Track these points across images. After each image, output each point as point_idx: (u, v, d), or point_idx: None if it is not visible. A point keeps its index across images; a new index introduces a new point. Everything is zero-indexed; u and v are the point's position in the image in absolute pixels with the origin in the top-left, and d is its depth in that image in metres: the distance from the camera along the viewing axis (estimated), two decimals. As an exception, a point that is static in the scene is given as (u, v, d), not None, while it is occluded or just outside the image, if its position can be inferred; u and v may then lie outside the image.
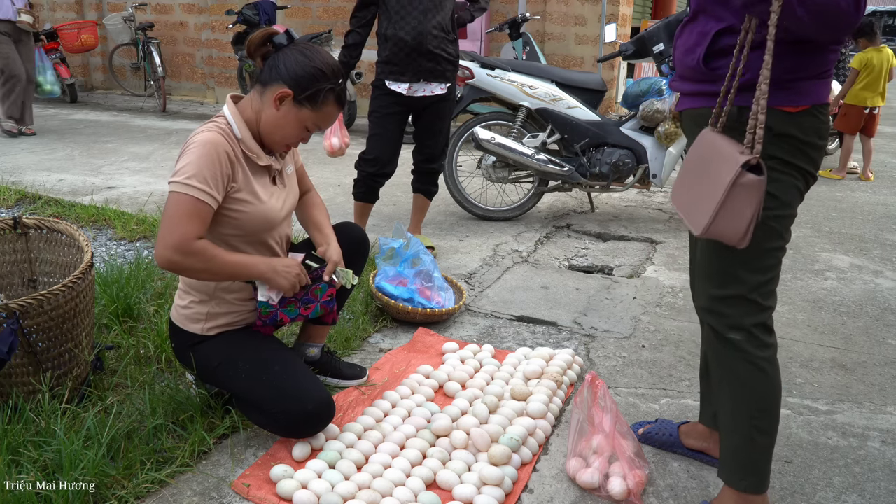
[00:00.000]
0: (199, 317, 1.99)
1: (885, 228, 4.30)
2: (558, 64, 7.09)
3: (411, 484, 1.80)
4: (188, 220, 1.75)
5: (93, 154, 6.00)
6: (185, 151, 1.82)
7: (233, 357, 1.95)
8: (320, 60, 1.87)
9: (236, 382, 1.94)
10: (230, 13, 7.76)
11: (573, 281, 3.35)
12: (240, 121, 1.90)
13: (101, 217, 4.02)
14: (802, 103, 1.45)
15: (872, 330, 2.85)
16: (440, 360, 2.54)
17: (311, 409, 1.89)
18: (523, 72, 4.22)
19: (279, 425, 1.94)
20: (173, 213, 1.76)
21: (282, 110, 1.86)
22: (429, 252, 3.02)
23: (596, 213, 4.54)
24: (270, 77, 1.87)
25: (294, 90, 1.84)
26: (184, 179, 1.76)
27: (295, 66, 1.85)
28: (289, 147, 1.96)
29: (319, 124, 1.91)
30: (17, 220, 2.36)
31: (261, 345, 1.99)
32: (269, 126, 1.89)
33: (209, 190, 1.78)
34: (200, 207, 1.77)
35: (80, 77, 9.95)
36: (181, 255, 1.75)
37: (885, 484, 1.89)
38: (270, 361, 1.94)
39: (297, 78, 1.84)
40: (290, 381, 1.91)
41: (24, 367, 1.97)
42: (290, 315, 2.01)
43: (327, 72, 1.86)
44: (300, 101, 1.86)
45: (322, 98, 1.87)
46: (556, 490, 1.85)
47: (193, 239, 1.76)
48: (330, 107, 1.89)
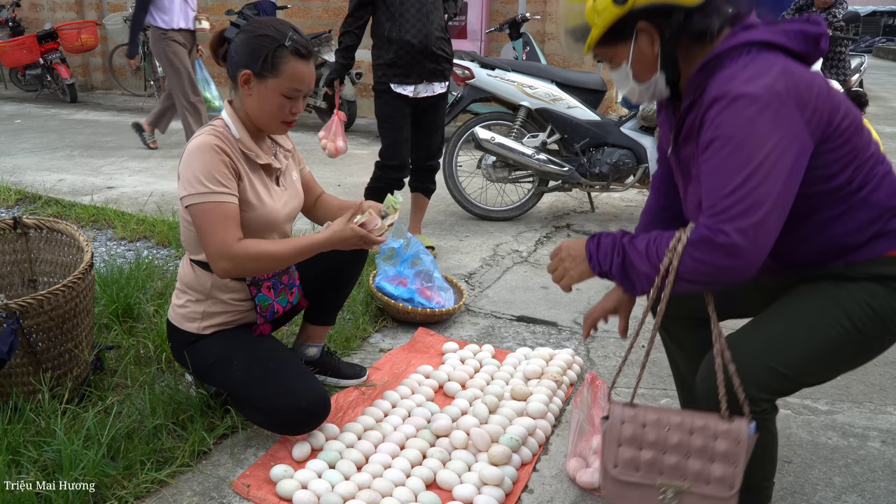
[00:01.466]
0: (195, 316, 1.99)
1: (885, 228, 4.30)
2: (558, 64, 7.09)
3: (411, 484, 1.80)
4: (221, 226, 1.79)
5: (93, 154, 6.00)
6: (186, 161, 1.82)
7: (228, 355, 1.95)
8: (259, 28, 1.85)
9: (231, 380, 1.94)
10: (230, 13, 7.75)
11: (573, 281, 3.35)
12: (236, 121, 1.90)
13: (101, 217, 4.02)
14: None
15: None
16: (440, 360, 2.54)
17: (304, 405, 1.88)
18: (523, 72, 4.22)
19: (274, 423, 1.94)
20: (203, 224, 1.79)
21: (253, 92, 1.85)
22: (429, 252, 3.02)
23: (596, 213, 4.54)
24: (233, 69, 1.87)
25: (251, 67, 1.82)
26: (198, 189, 1.78)
27: (241, 46, 1.84)
28: (287, 124, 1.91)
29: (295, 86, 1.84)
30: (17, 220, 2.36)
31: (256, 343, 2.00)
32: (254, 113, 1.88)
33: (225, 189, 1.80)
34: (225, 209, 1.80)
35: (80, 77, 9.93)
36: (229, 261, 1.80)
37: (885, 484, 1.89)
38: (265, 359, 1.95)
39: (247, 55, 1.83)
40: (283, 377, 1.91)
41: (24, 367, 1.97)
42: (282, 304, 2.05)
43: (270, 33, 1.82)
44: (261, 75, 1.82)
45: (276, 59, 1.81)
46: (556, 490, 1.85)
47: (233, 243, 1.79)
48: (290, 64, 1.82)
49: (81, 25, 8.85)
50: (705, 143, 1.33)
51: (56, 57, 8.55)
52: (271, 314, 2.03)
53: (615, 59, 1.47)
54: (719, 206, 1.28)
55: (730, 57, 1.35)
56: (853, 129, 1.36)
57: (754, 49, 1.34)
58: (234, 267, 1.81)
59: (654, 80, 1.46)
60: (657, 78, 1.46)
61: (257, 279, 1.98)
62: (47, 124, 7.45)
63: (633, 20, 1.39)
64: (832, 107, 1.33)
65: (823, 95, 1.32)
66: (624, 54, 1.44)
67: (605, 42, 1.45)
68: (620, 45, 1.44)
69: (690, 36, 1.39)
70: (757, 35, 1.35)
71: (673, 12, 1.37)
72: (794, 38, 1.36)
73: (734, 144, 1.27)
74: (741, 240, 1.26)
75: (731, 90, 1.29)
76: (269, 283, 2.01)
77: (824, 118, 1.32)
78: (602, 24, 1.40)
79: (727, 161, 1.28)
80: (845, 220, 1.39)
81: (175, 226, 3.73)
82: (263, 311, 2.00)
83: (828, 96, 1.33)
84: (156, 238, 3.69)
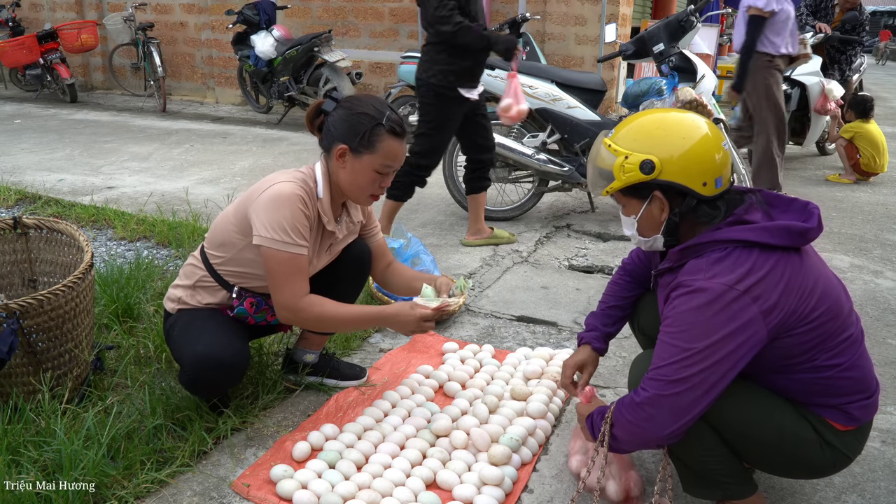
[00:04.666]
0: (174, 297, 2.07)
1: (885, 228, 4.30)
2: (558, 64, 7.09)
3: (411, 484, 1.80)
4: (292, 278, 1.88)
5: (93, 154, 6.00)
6: (273, 205, 1.86)
7: (177, 320, 2.02)
8: (359, 106, 1.93)
9: (172, 343, 2.01)
10: (230, 13, 7.75)
11: (573, 281, 3.35)
12: (325, 183, 1.97)
13: (101, 217, 4.02)
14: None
15: (872, 330, 2.84)
16: (440, 360, 2.54)
17: (200, 349, 1.87)
18: (523, 72, 4.21)
19: (185, 375, 1.92)
20: (276, 271, 1.87)
21: (347, 165, 1.93)
22: (429, 252, 3.02)
23: (596, 213, 4.54)
24: (328, 141, 1.96)
25: (348, 143, 1.91)
26: (282, 237, 1.85)
27: (340, 121, 1.93)
28: (374, 197, 2.00)
29: (388, 163, 1.94)
30: (17, 220, 2.36)
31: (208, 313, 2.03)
32: (345, 185, 1.97)
33: (304, 243, 1.90)
34: (300, 261, 1.89)
35: (80, 77, 9.94)
36: (292, 313, 1.91)
37: (885, 484, 1.89)
38: (204, 319, 1.98)
39: (346, 131, 1.92)
40: (203, 330, 1.93)
41: (24, 367, 1.97)
42: (258, 320, 2.09)
43: (369, 112, 1.91)
44: (357, 150, 1.91)
45: (374, 137, 1.90)
46: (556, 490, 1.85)
47: (301, 297, 1.89)
48: (386, 142, 1.91)
49: (81, 25, 8.85)
50: (665, 316, 1.51)
51: (56, 57, 8.55)
52: (242, 321, 2.08)
53: (626, 209, 1.63)
54: (652, 374, 1.48)
55: (709, 248, 1.50)
56: (826, 317, 1.48)
57: (730, 247, 1.48)
58: (295, 319, 1.94)
59: (655, 239, 1.63)
60: (657, 238, 1.62)
61: (244, 292, 2.02)
62: (47, 124, 7.45)
63: (652, 188, 1.54)
64: (802, 300, 1.46)
65: (794, 290, 1.45)
66: (635, 209, 1.60)
67: (623, 192, 1.60)
68: (635, 200, 1.59)
69: (694, 219, 1.56)
70: (738, 235, 1.49)
71: (687, 196, 1.53)
72: (777, 236, 1.47)
73: (680, 330, 1.45)
74: (653, 404, 1.45)
75: (693, 282, 1.46)
76: (253, 299, 2.04)
77: (787, 311, 1.44)
78: (624, 180, 1.55)
79: (672, 340, 1.46)
80: (800, 388, 1.54)
81: (175, 226, 3.73)
82: (236, 317, 2.05)
83: (798, 289, 1.45)
84: (156, 238, 3.69)
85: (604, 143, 1.61)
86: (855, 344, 1.53)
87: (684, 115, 1.59)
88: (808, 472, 1.63)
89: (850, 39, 5.81)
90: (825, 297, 1.49)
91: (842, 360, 1.50)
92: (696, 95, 4.11)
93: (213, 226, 2.05)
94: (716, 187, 1.52)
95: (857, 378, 1.52)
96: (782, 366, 1.51)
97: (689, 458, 1.60)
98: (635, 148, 1.53)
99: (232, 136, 6.95)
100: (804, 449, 1.53)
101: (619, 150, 1.55)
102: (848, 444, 1.55)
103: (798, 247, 1.50)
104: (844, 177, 5.55)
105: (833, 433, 1.53)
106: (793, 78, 5.63)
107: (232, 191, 4.75)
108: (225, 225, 1.99)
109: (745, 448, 1.57)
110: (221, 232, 2.00)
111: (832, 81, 5.70)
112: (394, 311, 1.95)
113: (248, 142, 6.68)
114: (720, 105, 4.72)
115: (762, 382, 1.57)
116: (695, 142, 1.51)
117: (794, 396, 1.54)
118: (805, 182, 5.49)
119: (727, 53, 10.59)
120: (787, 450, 1.53)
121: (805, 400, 1.54)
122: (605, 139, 1.61)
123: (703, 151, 1.51)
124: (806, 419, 1.53)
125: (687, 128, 1.54)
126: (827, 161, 6.28)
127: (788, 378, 1.53)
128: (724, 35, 9.98)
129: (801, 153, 6.52)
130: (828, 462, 1.55)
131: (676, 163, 1.50)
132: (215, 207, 4.21)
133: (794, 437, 1.52)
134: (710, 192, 1.52)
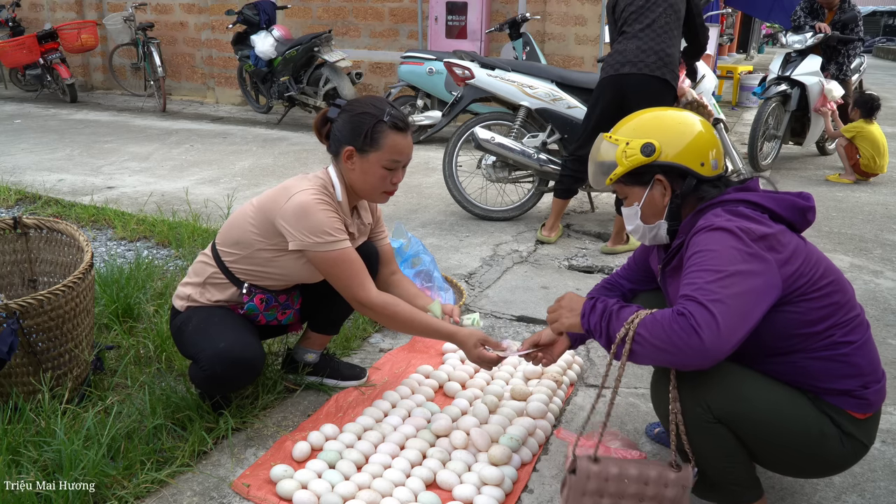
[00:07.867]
0: (183, 295, 2.08)
1: (885, 228, 4.30)
2: (558, 64, 7.09)
3: (411, 484, 1.80)
4: (357, 276, 1.94)
5: (93, 154, 6.00)
6: (303, 214, 1.89)
7: (190, 317, 2.02)
8: (360, 107, 1.96)
9: (185, 339, 2.00)
10: (230, 13, 7.75)
11: (573, 281, 3.35)
12: (342, 186, 2.01)
13: (101, 217, 4.02)
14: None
15: (873, 330, 2.83)
16: (440, 360, 2.54)
17: (224, 347, 1.89)
18: (523, 72, 4.22)
19: (201, 371, 1.91)
20: (338, 273, 1.93)
21: (356, 166, 1.97)
22: (429, 252, 3.02)
23: (596, 213, 4.54)
24: (336, 146, 2.00)
25: (353, 144, 1.95)
26: (327, 239, 1.90)
27: (344, 125, 1.97)
28: (388, 193, 2.03)
29: (395, 157, 1.96)
30: (17, 220, 2.36)
31: (223, 311, 2.05)
32: (358, 185, 2.00)
33: (346, 236, 1.95)
34: (350, 254, 1.94)
35: (80, 77, 9.94)
36: (367, 309, 1.97)
37: (885, 484, 1.89)
38: (216, 316, 2.00)
39: (350, 133, 1.95)
40: (220, 328, 1.95)
41: (24, 367, 1.97)
42: (268, 319, 2.11)
43: (370, 111, 1.94)
44: (363, 150, 1.95)
45: (377, 135, 1.93)
46: (556, 490, 1.85)
47: (373, 295, 1.95)
48: (390, 137, 1.94)
49: (81, 25, 8.85)
50: (687, 259, 1.51)
51: (56, 57, 8.55)
52: (253, 320, 2.10)
53: (630, 198, 1.70)
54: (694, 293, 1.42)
55: (721, 206, 1.56)
56: (833, 287, 1.51)
57: (742, 205, 1.54)
58: (371, 315, 2.00)
59: (658, 226, 1.68)
60: (661, 224, 1.68)
61: (254, 288, 2.04)
62: (47, 124, 7.45)
63: (653, 171, 1.63)
64: (810, 265, 1.49)
65: (800, 254, 1.49)
66: (638, 196, 1.67)
67: (625, 181, 1.68)
68: (638, 187, 1.67)
69: (697, 197, 1.63)
70: (749, 196, 1.55)
71: (688, 176, 1.62)
72: (783, 206, 1.54)
73: (714, 254, 1.45)
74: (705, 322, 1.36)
75: (713, 223, 1.50)
76: (263, 296, 2.05)
77: (798, 269, 1.47)
78: (627, 165, 1.64)
79: (706, 263, 1.44)
80: (821, 367, 1.52)
81: (175, 226, 3.73)
82: (246, 314, 2.06)
83: (805, 256, 1.50)
84: (156, 238, 3.69)
85: (604, 136, 1.69)
86: (863, 325, 1.56)
87: (680, 111, 1.70)
88: (824, 469, 1.60)
89: (851, 39, 5.81)
90: (830, 270, 1.54)
91: (856, 337, 1.52)
92: (697, 96, 4.11)
93: (227, 225, 2.07)
94: (713, 168, 1.63)
95: (870, 358, 1.54)
96: (804, 339, 1.50)
97: (712, 467, 1.56)
98: (635, 136, 1.64)
99: (232, 136, 6.95)
100: (826, 447, 1.52)
101: (619, 139, 1.66)
102: (865, 432, 1.55)
103: (798, 229, 1.56)
104: (844, 177, 5.54)
105: (851, 422, 1.52)
106: (793, 78, 5.62)
107: (232, 191, 4.75)
108: (242, 224, 2.01)
109: (767, 452, 1.54)
110: (238, 231, 2.01)
111: (832, 81, 5.69)
112: (463, 337, 1.97)
113: (248, 142, 6.68)
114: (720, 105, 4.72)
115: (787, 368, 1.53)
116: (690, 128, 1.64)
117: (815, 381, 1.52)
118: (805, 182, 5.49)
119: (727, 53, 10.59)
120: (811, 450, 1.52)
121: (826, 385, 1.51)
122: (605, 134, 1.70)
123: (699, 136, 1.63)
124: (825, 413, 1.51)
125: (682, 121, 1.66)
126: (827, 161, 6.28)
127: (810, 357, 1.51)
128: (724, 35, 9.98)
129: (801, 153, 6.52)
130: (848, 454, 1.54)
131: (675, 145, 1.61)
132: (215, 207, 4.21)
133: (820, 435, 1.51)
134: (707, 173, 1.62)
